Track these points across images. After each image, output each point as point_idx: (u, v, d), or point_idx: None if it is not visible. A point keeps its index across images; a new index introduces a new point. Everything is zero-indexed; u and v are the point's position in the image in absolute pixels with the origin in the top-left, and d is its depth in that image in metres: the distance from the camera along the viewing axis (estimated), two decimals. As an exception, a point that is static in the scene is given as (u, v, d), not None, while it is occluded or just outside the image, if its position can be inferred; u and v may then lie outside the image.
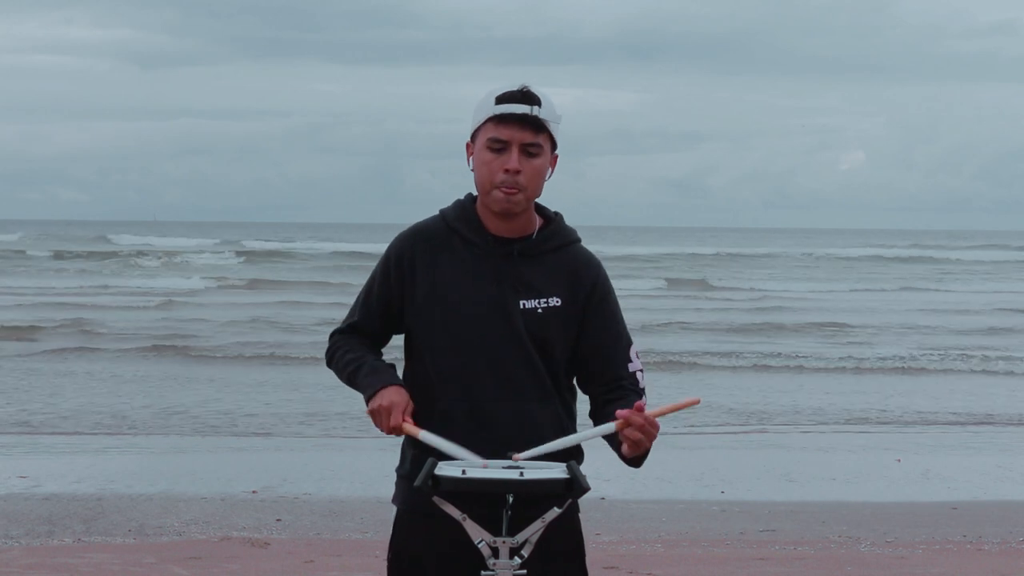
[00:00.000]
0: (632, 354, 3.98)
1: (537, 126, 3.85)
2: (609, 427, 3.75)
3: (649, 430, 3.73)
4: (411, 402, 3.86)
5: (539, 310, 3.91)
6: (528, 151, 3.86)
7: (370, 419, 3.88)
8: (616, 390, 3.93)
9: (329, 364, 4.09)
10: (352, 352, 4.00)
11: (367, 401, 3.87)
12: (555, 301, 3.93)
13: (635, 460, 3.86)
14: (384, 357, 4.04)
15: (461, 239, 3.94)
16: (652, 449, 3.79)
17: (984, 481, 12.74)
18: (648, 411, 3.74)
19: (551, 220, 4.00)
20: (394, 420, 3.81)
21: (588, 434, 3.79)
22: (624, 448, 3.77)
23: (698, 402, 3.83)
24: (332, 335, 4.09)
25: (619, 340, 3.97)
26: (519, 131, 3.84)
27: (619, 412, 3.73)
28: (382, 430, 3.85)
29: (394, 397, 3.84)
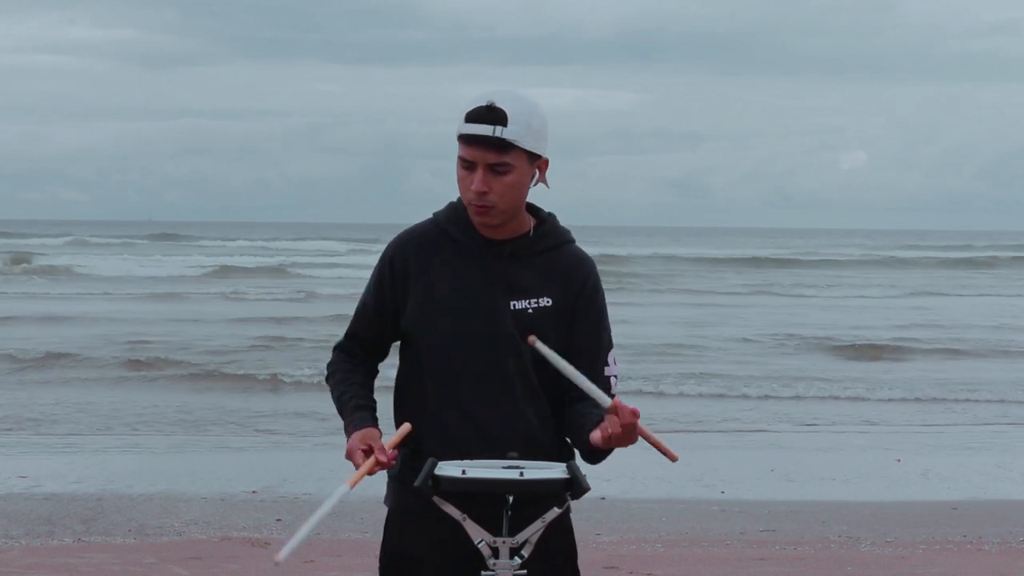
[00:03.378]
0: (610, 359, 3.96)
1: (502, 146, 3.79)
2: (605, 399, 3.70)
3: (630, 434, 3.69)
4: (378, 433, 3.83)
5: (529, 310, 3.90)
6: (495, 170, 3.81)
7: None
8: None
9: (327, 382, 4.06)
10: (343, 384, 3.98)
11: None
12: (545, 301, 3.92)
13: (594, 456, 3.84)
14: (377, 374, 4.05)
15: (453, 241, 3.93)
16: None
17: (984, 481, 12.74)
18: (645, 429, 3.72)
19: (544, 221, 3.99)
20: (379, 455, 3.74)
21: (589, 386, 3.70)
22: (596, 434, 3.73)
23: (675, 459, 3.77)
24: (334, 350, 4.07)
25: (599, 343, 3.95)
26: (482, 152, 3.79)
27: (617, 400, 3.70)
28: (360, 470, 3.75)
29: (356, 440, 3.80)
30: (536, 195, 3.95)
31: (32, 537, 9.81)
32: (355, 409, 3.92)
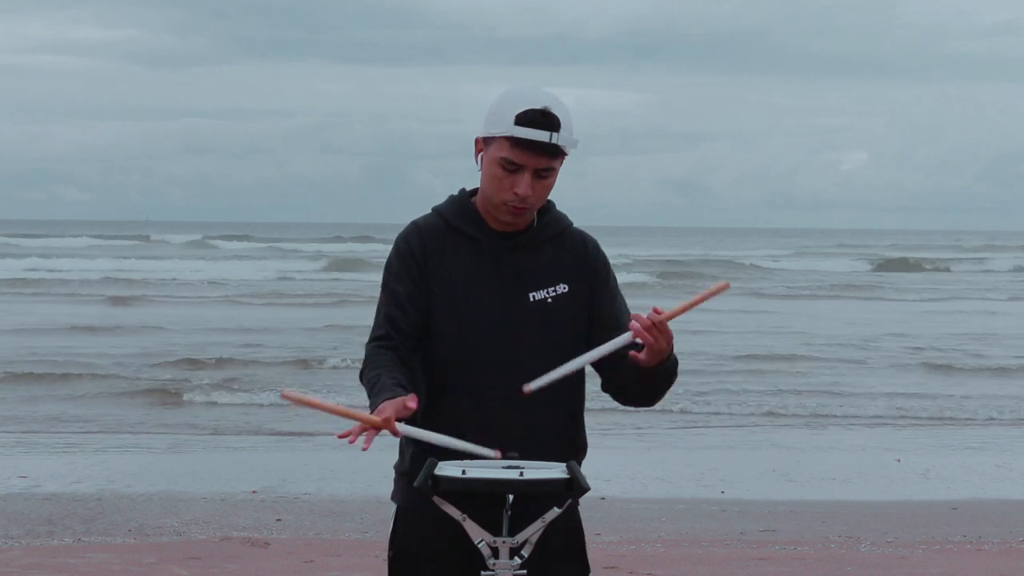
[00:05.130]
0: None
1: (554, 153, 3.78)
2: (625, 337, 3.68)
3: (663, 333, 3.65)
4: (405, 405, 3.68)
5: (549, 300, 3.89)
6: (539, 174, 3.79)
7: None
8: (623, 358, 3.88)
9: (360, 379, 3.91)
10: (374, 369, 3.82)
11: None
12: (563, 288, 3.91)
13: (656, 381, 3.79)
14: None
15: (463, 236, 3.90)
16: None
17: (984, 481, 12.74)
18: (676, 306, 3.67)
19: (546, 209, 3.98)
20: (380, 415, 3.60)
21: (601, 350, 3.70)
22: (643, 354, 3.69)
23: (727, 286, 3.70)
24: (368, 344, 3.91)
25: (621, 308, 3.94)
26: (535, 157, 3.76)
27: (632, 323, 3.66)
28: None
29: (385, 408, 3.65)
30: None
31: (32, 537, 9.80)
32: (392, 385, 3.75)
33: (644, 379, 3.81)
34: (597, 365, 3.83)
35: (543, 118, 3.74)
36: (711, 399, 18.33)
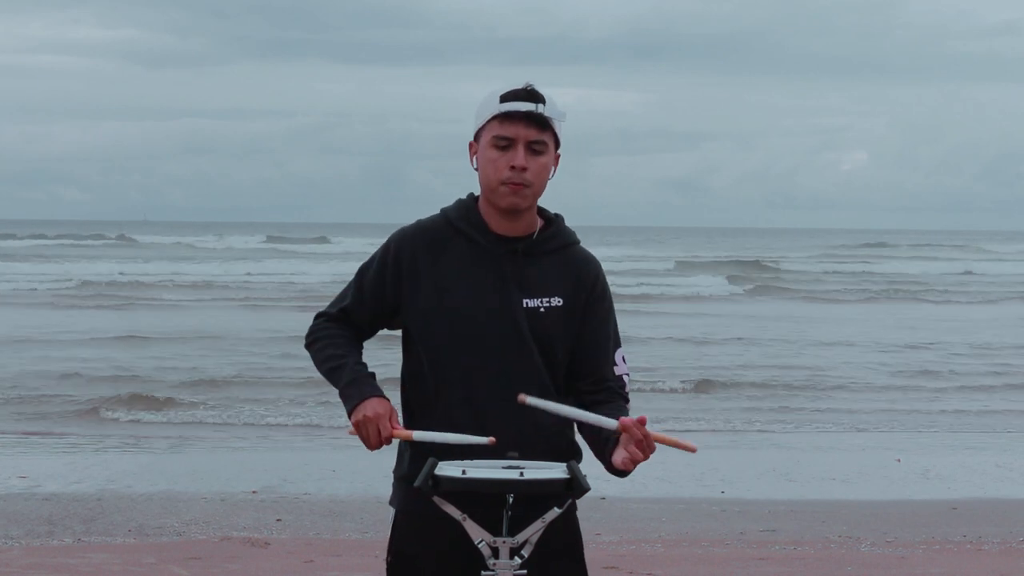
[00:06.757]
0: (619, 358, 3.97)
1: (542, 123, 3.86)
2: (611, 423, 3.72)
3: (646, 447, 3.71)
4: (394, 410, 3.83)
5: (541, 309, 3.90)
6: (533, 148, 3.86)
7: (356, 432, 3.81)
8: (603, 391, 3.93)
9: (308, 347, 4.02)
10: (335, 348, 3.95)
11: (349, 413, 3.83)
12: (556, 301, 3.92)
13: (621, 474, 3.84)
14: (365, 357, 4.00)
15: (464, 238, 3.93)
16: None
17: (984, 481, 12.74)
18: (658, 433, 3.73)
19: (552, 221, 4.00)
20: (384, 432, 3.77)
21: (590, 417, 3.74)
22: (618, 460, 3.74)
23: (694, 450, 3.76)
24: (317, 317, 4.04)
25: (609, 341, 3.97)
26: (524, 128, 3.85)
27: (624, 420, 3.71)
28: (369, 445, 3.80)
29: (377, 408, 3.80)
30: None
31: (32, 537, 9.80)
32: (359, 372, 3.89)
33: (617, 470, 3.82)
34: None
35: (527, 94, 3.87)
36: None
